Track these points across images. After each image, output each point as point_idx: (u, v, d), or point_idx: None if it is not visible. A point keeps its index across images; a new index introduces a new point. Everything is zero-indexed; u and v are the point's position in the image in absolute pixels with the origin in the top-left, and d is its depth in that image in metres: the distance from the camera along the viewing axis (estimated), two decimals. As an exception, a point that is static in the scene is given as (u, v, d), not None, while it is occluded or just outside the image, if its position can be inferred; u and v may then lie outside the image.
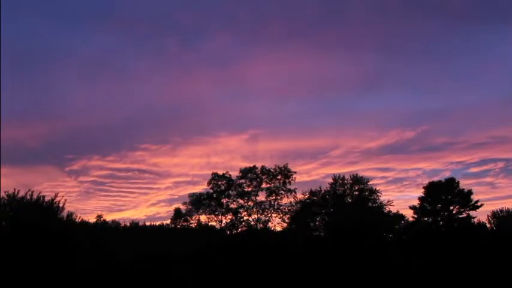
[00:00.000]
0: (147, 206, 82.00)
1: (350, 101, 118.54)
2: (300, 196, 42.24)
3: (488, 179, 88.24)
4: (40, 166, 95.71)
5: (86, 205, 78.14)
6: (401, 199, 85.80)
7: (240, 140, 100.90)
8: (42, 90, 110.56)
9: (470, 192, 43.15)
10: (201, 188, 43.71)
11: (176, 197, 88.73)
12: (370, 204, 41.47)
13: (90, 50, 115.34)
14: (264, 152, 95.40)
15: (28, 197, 30.18)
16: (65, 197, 31.63)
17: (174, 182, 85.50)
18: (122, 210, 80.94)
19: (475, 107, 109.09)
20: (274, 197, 42.02)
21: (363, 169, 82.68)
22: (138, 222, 48.70)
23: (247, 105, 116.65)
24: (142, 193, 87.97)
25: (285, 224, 42.10)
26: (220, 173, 43.11)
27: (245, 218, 42.00)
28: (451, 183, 43.86)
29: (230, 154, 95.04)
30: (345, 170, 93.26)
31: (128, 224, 48.21)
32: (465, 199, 42.98)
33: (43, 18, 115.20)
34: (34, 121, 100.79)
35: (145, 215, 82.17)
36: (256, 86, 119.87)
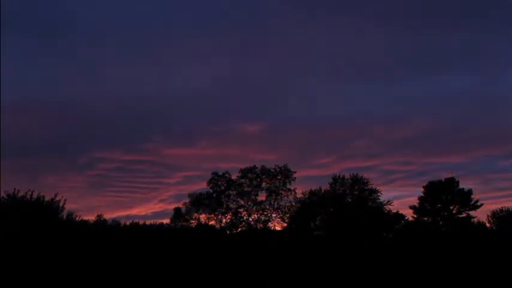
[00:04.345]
0: (156, 202, 78.82)
1: (378, 86, 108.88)
2: (300, 195, 42.36)
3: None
4: (45, 159, 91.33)
5: (91, 202, 75.99)
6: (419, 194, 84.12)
7: (259, 130, 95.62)
8: (47, 76, 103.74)
9: (470, 192, 43.25)
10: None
11: (185, 192, 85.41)
12: (370, 204, 41.45)
13: (91, 35, 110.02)
14: (283, 144, 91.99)
15: (28, 196, 30.16)
16: (66, 196, 31.72)
17: (185, 176, 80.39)
18: (130, 207, 77.60)
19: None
20: (274, 197, 42.08)
21: (386, 162, 78.21)
22: (138, 222, 48.61)
23: (267, 93, 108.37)
24: (152, 188, 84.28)
25: (285, 224, 42.17)
26: (221, 172, 43.27)
27: (245, 217, 42.13)
28: (451, 183, 43.90)
29: (248, 145, 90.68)
30: (367, 163, 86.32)
31: (128, 223, 48.14)
32: (465, 199, 43.03)
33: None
34: (37, 112, 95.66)
35: (151, 212, 79.47)
36: (279, 68, 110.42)
